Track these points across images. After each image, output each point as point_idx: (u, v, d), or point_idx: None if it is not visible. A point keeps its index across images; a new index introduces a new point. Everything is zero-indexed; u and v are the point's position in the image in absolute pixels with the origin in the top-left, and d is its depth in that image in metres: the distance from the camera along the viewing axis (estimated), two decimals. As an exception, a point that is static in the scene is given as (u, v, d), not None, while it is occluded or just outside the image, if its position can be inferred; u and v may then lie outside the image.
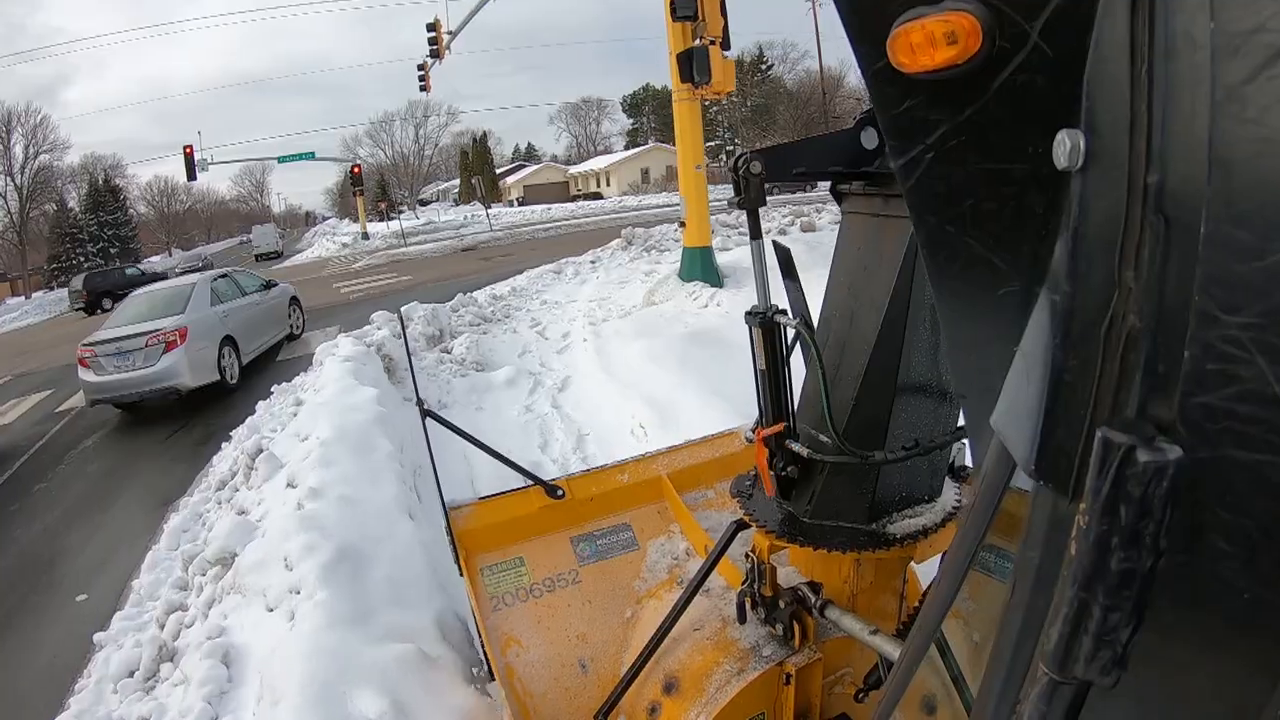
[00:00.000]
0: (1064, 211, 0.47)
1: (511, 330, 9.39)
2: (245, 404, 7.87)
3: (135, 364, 8.72)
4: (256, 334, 10.78)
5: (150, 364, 8.69)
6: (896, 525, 1.43)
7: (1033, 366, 0.49)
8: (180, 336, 8.86)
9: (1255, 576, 0.38)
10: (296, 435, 5.38)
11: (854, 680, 1.68)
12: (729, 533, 1.63)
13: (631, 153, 61.78)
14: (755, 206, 1.31)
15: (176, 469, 7.24)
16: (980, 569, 1.66)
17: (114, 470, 7.74)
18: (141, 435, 8.70)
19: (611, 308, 9.52)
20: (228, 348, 9.74)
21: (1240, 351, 0.37)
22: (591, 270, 13.42)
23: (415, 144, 73.17)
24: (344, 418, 5.13)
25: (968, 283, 0.55)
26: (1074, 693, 0.46)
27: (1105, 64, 0.43)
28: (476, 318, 9.69)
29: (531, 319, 9.88)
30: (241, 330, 10.17)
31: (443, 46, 21.26)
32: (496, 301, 11.08)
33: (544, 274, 13.39)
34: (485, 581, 2.06)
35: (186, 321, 9.10)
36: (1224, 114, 0.36)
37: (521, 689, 1.91)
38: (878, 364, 1.33)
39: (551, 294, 11.74)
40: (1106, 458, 0.40)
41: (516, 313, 10.44)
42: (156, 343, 8.76)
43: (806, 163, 1.37)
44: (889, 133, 0.55)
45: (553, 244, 23.52)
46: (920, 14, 0.49)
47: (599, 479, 2.28)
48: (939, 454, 1.46)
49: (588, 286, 11.74)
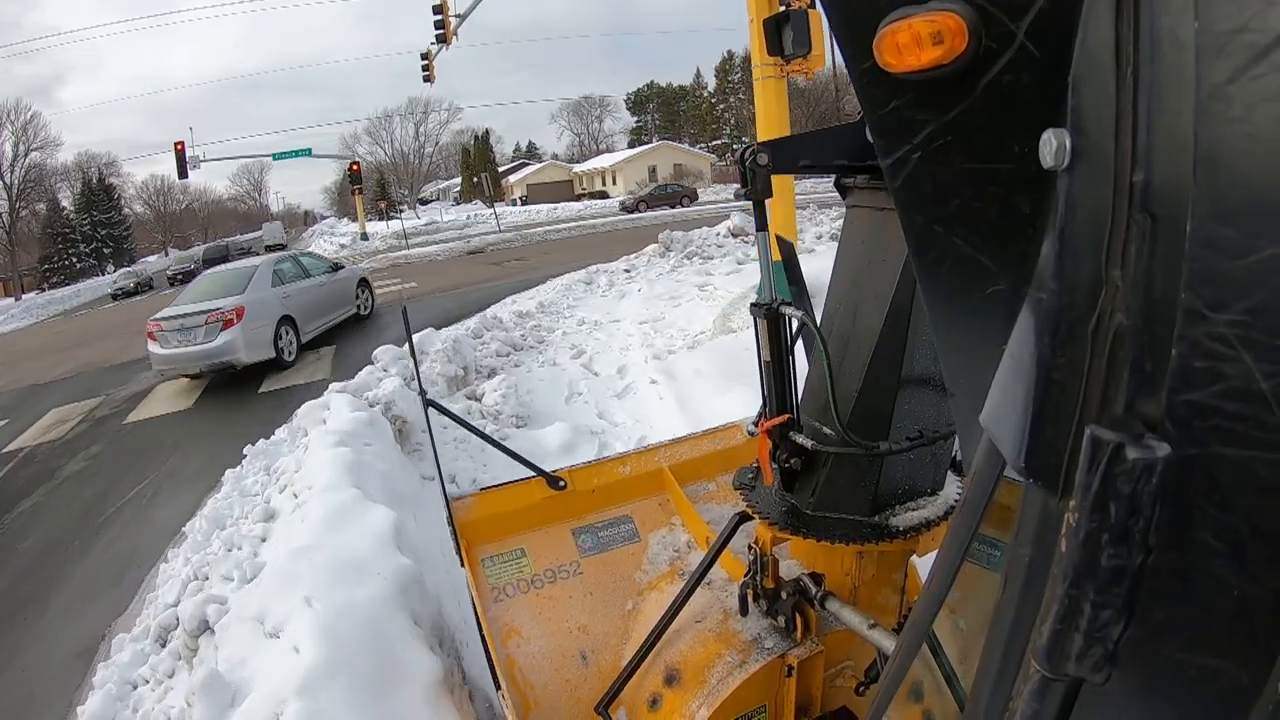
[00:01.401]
0: (1051, 211, 0.47)
1: (550, 362, 7.61)
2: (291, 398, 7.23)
3: (196, 339, 9.28)
4: (317, 314, 11.17)
5: (209, 340, 9.22)
6: (899, 518, 1.41)
7: (1021, 365, 0.49)
8: (237, 315, 9.33)
9: (1244, 573, 0.38)
10: (260, 625, 2.83)
11: (855, 673, 1.68)
12: (731, 525, 1.63)
13: (638, 150, 60.50)
14: (762, 198, 1.31)
15: (117, 590, 4.99)
16: (971, 560, 1.56)
17: (29, 574, 5.54)
18: (91, 503, 6.93)
19: (673, 333, 7.77)
20: (286, 327, 10.12)
21: (1226, 349, 0.37)
22: (628, 280, 11.74)
23: (415, 141, 72.08)
24: (342, 596, 2.72)
25: (956, 282, 0.55)
26: (1066, 690, 0.46)
27: (1091, 64, 0.43)
28: (505, 345, 7.94)
29: (572, 346, 8.13)
30: (301, 310, 10.58)
31: (450, 31, 19.74)
32: (524, 321, 9.34)
33: (572, 285, 11.70)
34: (486, 572, 2.04)
35: (244, 301, 9.57)
36: (1209, 113, 0.36)
37: (522, 680, 1.88)
38: (881, 356, 1.32)
39: (586, 310, 10.01)
40: (1095, 455, 0.41)
41: (551, 335, 8.70)
42: (215, 320, 9.27)
43: (813, 155, 1.34)
44: (876, 132, 0.54)
45: (567, 247, 21.85)
46: (907, 14, 0.48)
47: (601, 470, 2.27)
48: (942, 446, 1.44)
49: (630, 302, 10.02)
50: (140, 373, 11.71)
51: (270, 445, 5.79)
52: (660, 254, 12.93)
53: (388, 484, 3.97)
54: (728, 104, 72.99)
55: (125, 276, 40.06)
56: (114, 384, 11.36)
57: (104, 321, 22.77)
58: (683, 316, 8.58)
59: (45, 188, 54.72)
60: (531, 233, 29.97)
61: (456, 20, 20.01)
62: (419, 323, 11.08)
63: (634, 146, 66.77)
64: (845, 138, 1.32)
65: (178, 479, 6.74)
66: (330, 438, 4.38)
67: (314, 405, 5.63)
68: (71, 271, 54.32)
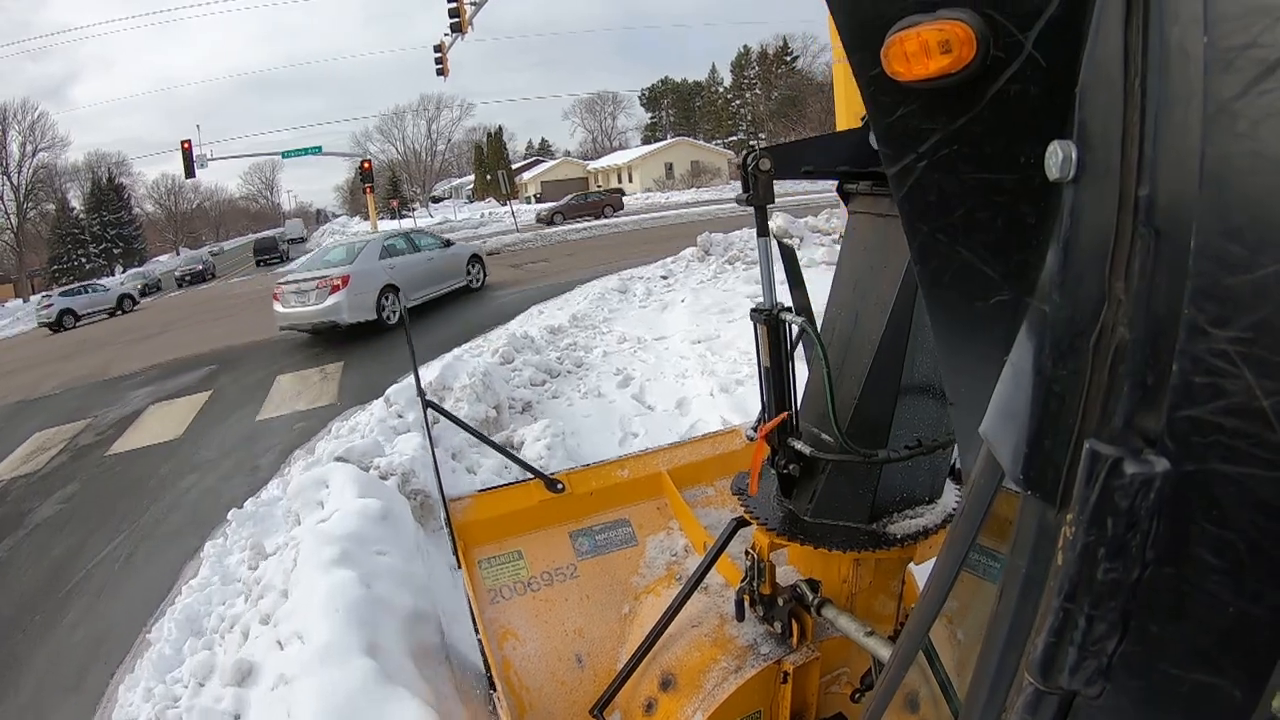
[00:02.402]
0: (1055, 222, 0.47)
1: (594, 392, 6.44)
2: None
3: (309, 301, 10.87)
4: (423, 285, 12.64)
5: (319, 302, 10.79)
6: (897, 525, 1.41)
7: (1022, 376, 0.49)
8: (343, 282, 10.80)
9: (1240, 590, 0.38)
10: None
11: (850, 680, 1.67)
12: (729, 530, 1.63)
13: (654, 147, 59.36)
14: (764, 203, 1.31)
15: (76, 699, 3.95)
16: (968, 570, 1.60)
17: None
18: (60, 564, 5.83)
19: (734, 356, 6.56)
20: (389, 295, 11.49)
21: (1228, 365, 0.37)
22: (667, 288, 10.56)
23: (427, 139, 71.32)
24: None
25: (959, 291, 0.55)
26: (1059, 703, 0.46)
27: (1098, 76, 0.43)
28: (539, 371, 6.75)
29: (616, 370, 6.94)
30: (406, 281, 11.95)
31: (465, 20, 18.71)
32: (557, 339, 8.18)
33: (606, 293, 10.49)
34: (483, 574, 2.03)
35: (350, 270, 11.06)
36: (1215, 128, 0.36)
37: (518, 682, 1.87)
38: (881, 363, 1.32)
39: (626, 324, 8.82)
40: (1094, 469, 0.40)
41: (589, 356, 7.52)
42: (324, 286, 10.82)
43: (816, 161, 1.35)
44: (882, 140, 0.54)
45: (591, 247, 20.62)
46: (915, 22, 0.48)
47: (599, 474, 2.25)
48: (940, 455, 1.43)
49: (675, 315, 8.82)
50: (132, 390, 10.77)
51: (259, 508, 4.71)
52: (699, 258, 11.74)
53: (411, 624, 2.71)
54: (744, 100, 71.89)
55: (132, 278, 39.45)
56: (103, 403, 10.40)
57: (106, 327, 21.90)
58: (741, 335, 7.32)
59: (54, 188, 54.35)
60: (550, 232, 28.22)
61: (472, 9, 19.05)
62: (438, 336, 9.97)
63: (648, 143, 65.82)
64: (848, 144, 1.32)
65: (156, 538, 5.72)
66: (328, 550, 3.12)
67: (309, 481, 4.20)
68: (81, 272, 53.96)
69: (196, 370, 11.35)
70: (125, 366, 13.00)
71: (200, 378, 10.77)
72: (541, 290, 12.73)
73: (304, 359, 10.65)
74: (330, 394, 8.43)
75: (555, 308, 10.54)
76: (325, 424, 7.26)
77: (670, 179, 52.53)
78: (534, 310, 10.82)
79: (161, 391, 10.32)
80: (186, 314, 20.94)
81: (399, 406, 5.40)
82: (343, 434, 6.01)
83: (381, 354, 10.08)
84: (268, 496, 4.95)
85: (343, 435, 5.91)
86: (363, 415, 6.50)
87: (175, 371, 11.63)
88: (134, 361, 13.37)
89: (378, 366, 9.32)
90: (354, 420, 6.50)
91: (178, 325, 18.07)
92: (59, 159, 53.88)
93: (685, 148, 55.92)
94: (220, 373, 10.87)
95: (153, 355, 13.58)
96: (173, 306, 25.73)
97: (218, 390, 9.70)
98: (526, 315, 10.57)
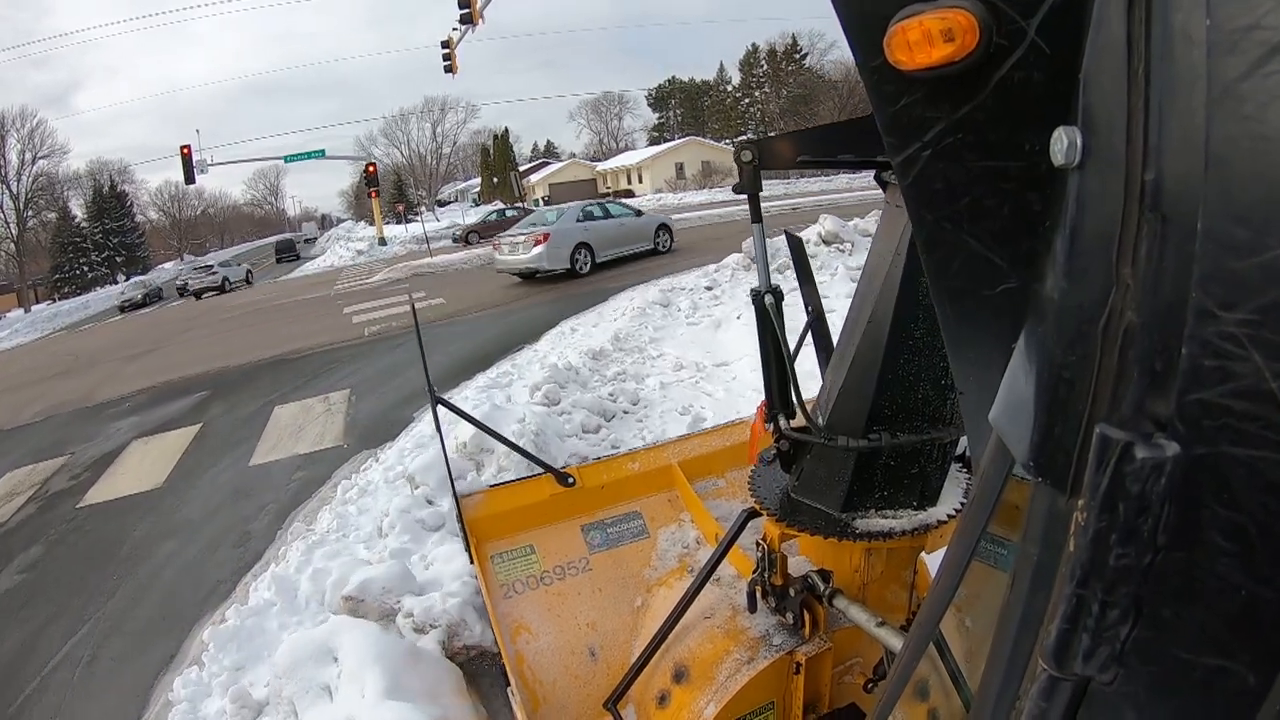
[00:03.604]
0: (1061, 208, 0.46)
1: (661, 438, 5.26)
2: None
3: (519, 251, 14.43)
4: (612, 245, 15.30)
5: (526, 252, 14.26)
6: (864, 521, 1.42)
7: (1031, 363, 0.49)
8: (544, 238, 14.13)
9: (1252, 573, 0.38)
10: None
11: (863, 670, 1.66)
12: (740, 521, 1.63)
13: (664, 147, 58.26)
14: (751, 191, 1.38)
15: None
16: (979, 559, 1.56)
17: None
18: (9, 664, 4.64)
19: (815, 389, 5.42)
20: (583, 250, 14.56)
21: (1237, 348, 0.37)
22: (714, 301, 9.33)
23: (432, 142, 70.43)
24: None
25: (966, 279, 0.55)
26: (1073, 689, 0.46)
27: (1102, 61, 0.43)
28: (592, 414, 5.48)
29: (681, 408, 5.72)
30: (597, 240, 14.93)
31: (476, 10, 17.54)
32: (601, 366, 6.93)
33: (647, 308, 9.18)
34: (495, 569, 2.03)
35: (551, 229, 14.47)
36: (1220, 111, 0.36)
37: (531, 676, 1.87)
38: (863, 352, 1.34)
39: (677, 345, 7.59)
40: (1104, 454, 0.40)
41: (644, 389, 6.29)
42: (530, 240, 14.27)
43: (811, 150, 1.36)
44: (886, 130, 0.54)
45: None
46: (917, 11, 0.48)
47: (610, 467, 2.25)
48: (932, 465, 1.42)
49: (731, 335, 7.56)
50: (116, 420, 9.62)
51: (244, 620, 3.53)
52: (745, 266, 10.53)
53: None
54: (753, 99, 70.88)
55: (133, 287, 38.62)
56: (84, 436, 9.29)
57: (100, 341, 20.89)
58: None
59: (55, 196, 53.62)
60: None
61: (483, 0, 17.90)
62: (459, 353, 8.84)
63: (655, 144, 64.82)
64: (840, 134, 1.36)
65: (124, 633, 4.70)
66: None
67: (307, 650, 2.87)
68: (83, 281, 53.30)
69: (187, 396, 10.21)
70: (114, 389, 11.91)
71: (190, 406, 9.63)
72: (567, 302, 11.55)
73: (304, 383, 9.50)
74: (334, 432, 7.24)
75: (590, 324, 9.29)
76: (330, 474, 6.12)
77: (682, 179, 51.40)
78: (565, 327, 9.56)
79: (147, 423, 9.19)
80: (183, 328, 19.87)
81: (428, 489, 4.14)
82: (350, 502, 4.85)
83: (393, 377, 8.92)
84: (257, 600, 3.77)
85: (350, 507, 4.75)
86: (375, 473, 5.34)
87: (165, 397, 10.52)
88: (123, 383, 12.27)
89: (389, 393, 8.17)
90: (365, 478, 5.33)
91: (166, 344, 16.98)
92: (59, 167, 53.29)
93: (696, 147, 54.77)
94: (213, 400, 9.73)
95: (143, 376, 12.49)
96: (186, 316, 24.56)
97: (208, 423, 8.54)
98: (558, 333, 9.29)
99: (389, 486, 5.04)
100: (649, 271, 13.30)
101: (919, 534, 1.39)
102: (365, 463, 6.03)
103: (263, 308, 21.23)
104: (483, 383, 7.08)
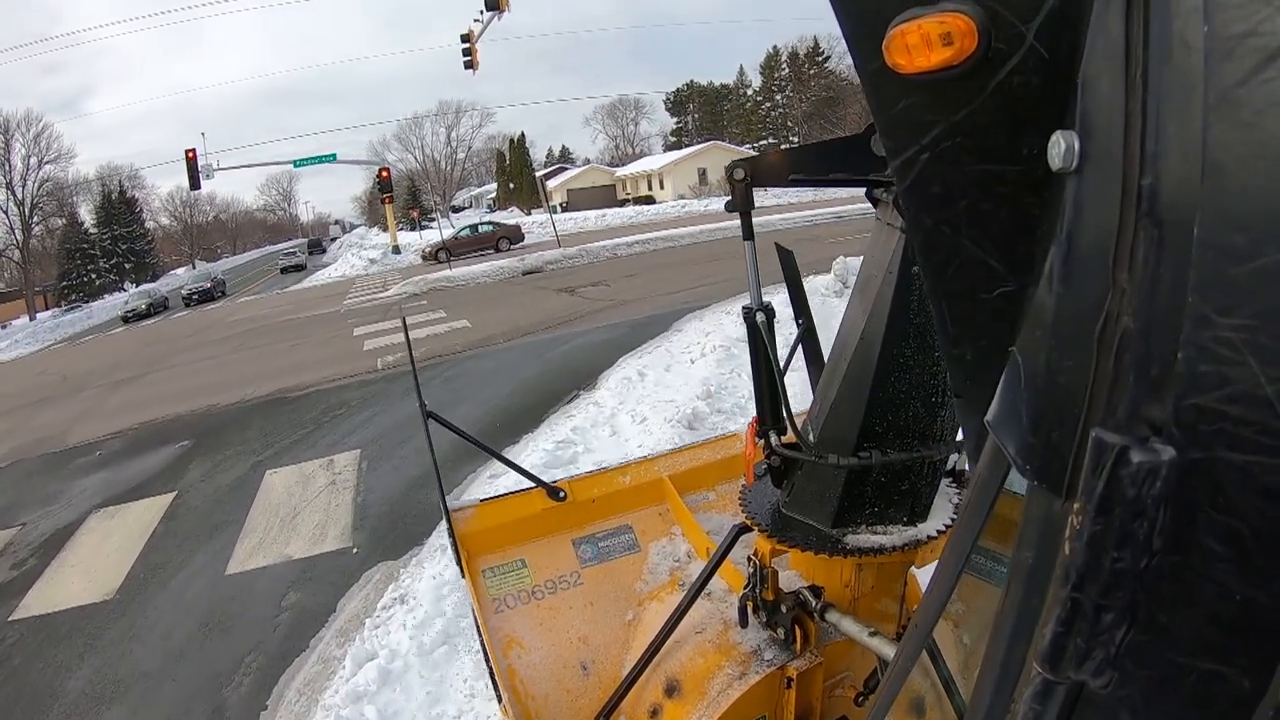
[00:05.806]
0: (1058, 213, 0.46)
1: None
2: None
3: None
4: None
5: None
6: (855, 537, 1.41)
7: (1027, 367, 0.49)
8: None
9: (1247, 578, 0.38)
10: None
11: (854, 684, 1.66)
12: (731, 536, 1.62)
13: (686, 152, 56.58)
14: (743, 209, 1.38)
15: None
16: (971, 572, 1.61)
17: None
18: None
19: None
20: None
21: (1233, 353, 0.37)
22: (808, 338, 7.55)
23: (447, 147, 69.13)
24: None
25: (963, 283, 0.55)
26: (1067, 693, 0.45)
27: (1100, 66, 0.43)
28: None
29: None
30: None
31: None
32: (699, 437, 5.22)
33: (731, 345, 7.42)
34: (487, 583, 2.01)
35: None
36: (1218, 117, 0.36)
37: (523, 691, 1.85)
38: (855, 369, 1.33)
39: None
40: (1100, 458, 0.40)
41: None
42: None
43: (801, 169, 1.36)
44: (885, 133, 0.54)
45: (650, 266, 17.58)
46: (916, 15, 0.48)
47: (601, 481, 2.22)
48: (922, 481, 1.42)
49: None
50: (83, 476, 8.01)
51: None
52: (836, 291, 8.80)
53: None
54: (774, 102, 69.10)
55: (138, 297, 37.34)
56: (44, 497, 7.73)
57: (93, 360, 19.33)
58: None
59: (62, 202, 52.57)
60: (594, 246, 23.14)
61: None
62: (495, 403, 7.09)
63: (674, 149, 63.16)
64: (838, 150, 1.35)
65: None
66: None
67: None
68: (91, 288, 52.16)
69: (166, 446, 8.56)
70: (91, 428, 10.40)
71: (167, 462, 7.96)
72: (613, 330, 9.80)
73: (304, 435, 7.78)
74: (340, 523, 5.54)
75: (660, 366, 7.45)
76: (334, 603, 4.38)
77: (705, 185, 49.63)
78: (630, 369, 7.56)
79: (114, 484, 7.64)
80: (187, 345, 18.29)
81: None
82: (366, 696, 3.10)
83: (413, 432, 7.12)
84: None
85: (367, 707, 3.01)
86: (398, 626, 3.59)
87: (142, 444, 8.95)
88: (102, 420, 10.70)
89: (410, 459, 6.41)
90: (387, 633, 3.59)
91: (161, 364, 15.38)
92: (66, 172, 52.23)
93: (719, 152, 52.99)
94: (194, 454, 8.06)
95: (125, 411, 10.93)
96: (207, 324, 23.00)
97: (183, 493, 6.88)
98: (621, 378, 7.29)
99: (422, 659, 3.29)
100: (698, 293, 11.52)
101: (909, 549, 1.39)
102: (385, 591, 4.29)
103: (267, 324, 19.73)
104: (537, 459, 5.32)
